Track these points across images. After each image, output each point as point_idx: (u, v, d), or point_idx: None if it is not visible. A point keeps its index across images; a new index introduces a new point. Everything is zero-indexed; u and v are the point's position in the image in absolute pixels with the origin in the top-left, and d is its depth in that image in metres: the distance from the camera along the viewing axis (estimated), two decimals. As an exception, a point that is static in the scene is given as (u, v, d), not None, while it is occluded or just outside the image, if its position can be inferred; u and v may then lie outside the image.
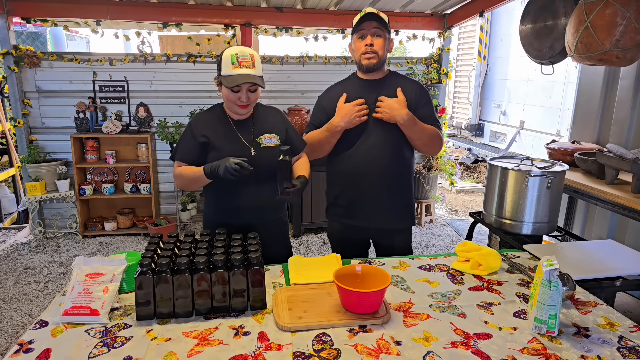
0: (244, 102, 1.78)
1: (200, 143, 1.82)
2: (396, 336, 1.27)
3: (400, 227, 2.11)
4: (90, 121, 4.39)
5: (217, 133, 1.83)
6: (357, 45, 1.97)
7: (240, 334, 1.28)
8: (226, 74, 1.73)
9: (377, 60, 1.95)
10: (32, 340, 1.24)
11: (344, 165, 2.04)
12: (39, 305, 3.22)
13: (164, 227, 4.40)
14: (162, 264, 1.33)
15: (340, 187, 2.08)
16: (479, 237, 4.24)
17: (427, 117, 2.00)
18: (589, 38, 2.45)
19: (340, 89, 2.07)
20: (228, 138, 1.83)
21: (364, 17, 1.91)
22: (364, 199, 2.03)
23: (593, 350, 1.22)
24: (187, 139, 1.85)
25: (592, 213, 3.58)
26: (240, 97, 1.76)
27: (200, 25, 4.72)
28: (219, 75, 1.79)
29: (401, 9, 4.67)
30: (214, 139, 1.82)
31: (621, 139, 3.30)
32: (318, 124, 2.06)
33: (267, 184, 1.83)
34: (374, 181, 2.00)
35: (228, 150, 1.79)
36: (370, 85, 2.01)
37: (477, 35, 7.84)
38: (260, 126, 1.89)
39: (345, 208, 2.08)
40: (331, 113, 2.01)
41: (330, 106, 2.03)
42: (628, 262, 1.90)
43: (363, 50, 1.94)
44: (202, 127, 1.84)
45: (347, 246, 2.09)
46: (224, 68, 1.74)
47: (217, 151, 1.80)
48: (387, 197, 2.03)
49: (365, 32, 1.93)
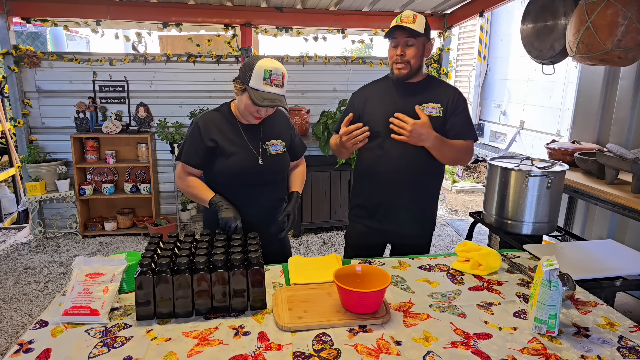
0: (262, 115, 1.78)
1: (208, 147, 1.79)
2: (396, 336, 1.27)
3: (423, 233, 2.10)
4: (90, 121, 4.39)
5: (226, 138, 1.80)
6: (390, 52, 1.92)
7: (240, 334, 1.28)
8: (256, 87, 1.68)
9: (409, 69, 1.88)
10: (32, 340, 1.24)
11: (376, 170, 1.98)
12: (39, 305, 3.22)
13: (164, 227, 4.40)
14: (162, 264, 1.33)
15: (370, 191, 2.03)
16: (479, 237, 4.24)
17: (457, 126, 1.92)
18: (590, 38, 2.45)
19: (375, 89, 2.02)
20: (237, 145, 1.81)
21: (394, 28, 1.84)
22: (394, 204, 1.99)
23: (593, 350, 1.22)
24: (195, 141, 1.80)
25: (592, 213, 3.58)
26: (259, 110, 1.75)
27: (200, 25, 4.72)
28: (244, 82, 1.71)
29: (401, 9, 4.66)
30: (222, 145, 1.79)
31: (621, 139, 3.30)
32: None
33: (271, 188, 1.88)
34: (406, 187, 1.96)
35: (237, 159, 1.79)
36: (406, 89, 1.94)
37: (477, 35, 7.83)
38: (268, 131, 1.88)
39: (372, 211, 2.04)
40: (363, 113, 1.96)
41: (360, 105, 1.99)
42: (628, 262, 1.90)
43: (395, 60, 1.89)
44: (211, 130, 1.80)
45: (365, 248, 2.07)
46: (254, 80, 1.67)
47: (225, 158, 1.79)
48: (416, 203, 2.00)
49: (398, 41, 1.87)
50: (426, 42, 1.91)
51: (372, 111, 1.96)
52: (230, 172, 1.79)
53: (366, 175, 2.05)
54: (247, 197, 1.83)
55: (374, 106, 1.97)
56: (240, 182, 1.81)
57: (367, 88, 2.06)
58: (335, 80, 4.94)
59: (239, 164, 1.78)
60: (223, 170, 1.80)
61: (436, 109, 1.92)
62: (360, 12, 4.75)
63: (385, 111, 1.89)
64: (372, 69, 4.95)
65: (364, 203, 2.07)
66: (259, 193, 1.85)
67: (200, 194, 1.80)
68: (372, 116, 1.95)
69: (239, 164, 1.78)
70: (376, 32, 5.06)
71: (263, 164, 1.82)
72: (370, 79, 2.11)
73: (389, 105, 1.92)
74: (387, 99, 1.94)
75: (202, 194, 1.79)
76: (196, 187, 1.82)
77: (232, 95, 5.15)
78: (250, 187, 1.83)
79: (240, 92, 1.75)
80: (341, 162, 4.43)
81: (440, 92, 1.95)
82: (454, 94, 1.96)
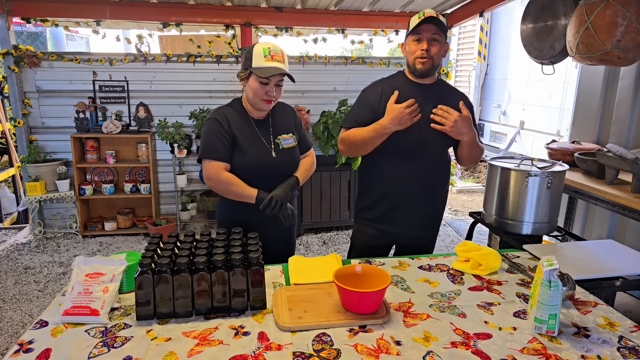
0: (272, 96, 1.80)
1: (231, 141, 1.84)
2: (396, 336, 1.27)
3: (430, 234, 2.12)
4: (90, 121, 4.39)
5: (242, 133, 1.86)
6: (412, 47, 1.88)
7: (240, 334, 1.28)
8: (258, 66, 1.75)
9: (432, 65, 1.88)
10: (32, 340, 1.24)
11: (389, 173, 1.97)
12: (39, 305, 3.22)
13: (164, 227, 4.40)
14: (162, 264, 1.33)
15: (381, 194, 2.01)
16: (479, 237, 4.24)
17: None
18: (590, 39, 2.45)
19: (389, 86, 1.96)
20: (252, 139, 1.87)
21: (423, 21, 1.81)
22: (404, 207, 1.98)
23: (593, 350, 1.22)
24: (219, 136, 1.82)
25: (592, 213, 3.58)
26: (268, 90, 1.78)
27: (200, 25, 4.73)
28: (246, 69, 1.79)
29: (401, 9, 4.67)
30: (240, 139, 1.84)
31: (621, 139, 3.30)
32: (361, 120, 1.95)
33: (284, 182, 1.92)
34: (419, 188, 1.96)
35: (253, 153, 1.85)
36: (421, 89, 1.93)
37: (477, 35, 7.83)
38: (278, 126, 1.94)
39: (382, 214, 2.02)
40: (378, 110, 1.92)
41: (377, 102, 1.93)
42: (628, 262, 1.90)
43: (419, 55, 1.86)
44: (230, 125, 1.85)
45: (371, 249, 2.07)
46: (256, 60, 1.75)
47: (241, 152, 1.84)
48: (427, 204, 2.01)
49: (423, 36, 1.85)
50: (445, 42, 1.91)
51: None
52: (247, 166, 1.84)
53: (373, 177, 2.03)
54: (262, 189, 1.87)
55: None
56: (255, 176, 1.85)
57: (381, 84, 2.01)
58: (335, 80, 4.94)
59: (255, 158, 1.84)
60: (240, 164, 1.84)
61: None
62: (360, 12, 4.75)
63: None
64: (372, 69, 4.95)
65: (372, 205, 2.05)
66: (273, 187, 1.88)
67: (244, 191, 1.82)
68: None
69: (255, 158, 1.84)
70: (376, 32, 5.05)
71: (277, 157, 1.88)
72: (370, 79, 2.11)
73: None
74: (403, 99, 1.89)
75: (246, 191, 1.82)
76: (238, 184, 1.82)
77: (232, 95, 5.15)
78: (264, 181, 1.86)
79: (245, 79, 1.82)
80: (341, 162, 4.43)
81: (451, 96, 1.96)
82: (464, 99, 1.97)
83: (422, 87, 1.94)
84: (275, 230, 1.95)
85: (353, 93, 4.46)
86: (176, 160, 4.53)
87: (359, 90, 2.09)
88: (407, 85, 1.95)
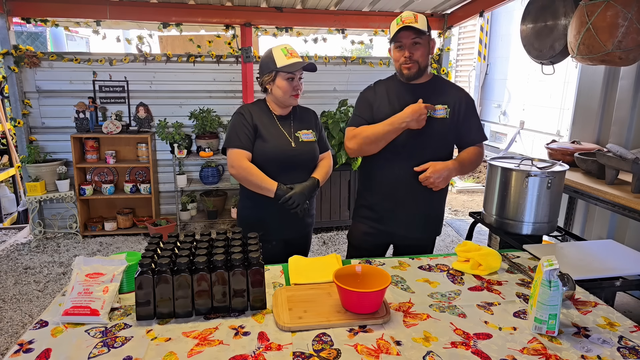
0: (299, 89, 1.96)
1: (253, 130, 1.96)
2: (396, 336, 1.27)
3: (428, 235, 2.12)
4: (90, 121, 4.39)
5: (264, 124, 1.99)
6: (396, 55, 1.91)
7: (240, 334, 1.28)
8: (284, 64, 1.90)
9: (418, 68, 1.89)
10: (32, 340, 1.24)
11: (389, 175, 1.98)
12: (39, 305, 3.22)
13: (164, 227, 4.40)
14: (162, 264, 1.33)
15: (380, 195, 2.02)
16: (479, 237, 4.24)
17: (472, 131, 1.99)
18: (591, 40, 2.45)
19: (382, 86, 2.03)
20: (273, 129, 1.99)
21: (401, 29, 1.83)
22: (402, 207, 1.99)
23: (593, 350, 1.22)
24: (243, 127, 1.95)
25: (592, 213, 3.58)
26: (295, 85, 1.94)
27: (200, 25, 4.72)
28: (271, 71, 1.92)
29: (401, 9, 4.67)
30: (261, 130, 1.97)
31: (621, 139, 3.30)
32: (365, 116, 1.99)
33: (303, 174, 2.01)
34: (414, 190, 1.96)
35: (274, 142, 1.96)
36: (414, 89, 1.95)
37: (477, 35, 7.84)
38: (299, 123, 2.07)
39: (381, 215, 2.03)
40: (377, 109, 1.96)
41: (376, 102, 1.98)
42: (628, 262, 1.90)
43: (402, 62, 1.89)
44: (253, 117, 1.98)
45: (369, 248, 2.07)
46: (279, 61, 1.90)
47: (263, 141, 1.96)
48: (424, 206, 2.02)
49: (403, 43, 1.87)
50: (430, 40, 1.91)
51: (381, 113, 1.95)
52: (268, 155, 1.95)
53: (374, 177, 2.04)
54: (281, 181, 1.94)
55: (383, 109, 1.96)
56: (275, 165, 1.95)
57: (378, 86, 2.04)
58: (335, 80, 4.94)
59: (276, 147, 1.95)
60: (261, 152, 1.95)
61: (443, 110, 1.93)
62: (360, 12, 4.75)
63: (395, 113, 1.88)
64: (372, 69, 4.95)
65: (371, 205, 2.07)
66: (293, 178, 1.96)
67: (264, 182, 1.91)
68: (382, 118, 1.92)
69: (276, 147, 1.95)
70: (376, 32, 5.06)
71: (296, 147, 1.99)
72: (370, 79, 2.12)
73: (397, 109, 1.90)
74: (395, 101, 1.94)
75: (265, 182, 1.91)
76: (258, 174, 1.92)
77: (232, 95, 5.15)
78: (284, 171, 1.95)
79: (272, 82, 1.95)
80: (341, 162, 4.43)
81: (447, 93, 1.96)
82: (462, 96, 1.97)
83: (414, 87, 1.96)
84: (293, 230, 2.06)
85: (353, 93, 4.46)
86: (176, 160, 4.53)
87: (359, 90, 2.11)
88: (398, 86, 1.99)
